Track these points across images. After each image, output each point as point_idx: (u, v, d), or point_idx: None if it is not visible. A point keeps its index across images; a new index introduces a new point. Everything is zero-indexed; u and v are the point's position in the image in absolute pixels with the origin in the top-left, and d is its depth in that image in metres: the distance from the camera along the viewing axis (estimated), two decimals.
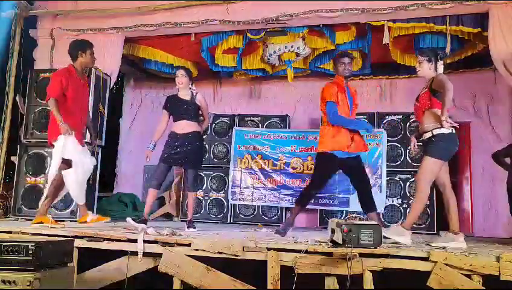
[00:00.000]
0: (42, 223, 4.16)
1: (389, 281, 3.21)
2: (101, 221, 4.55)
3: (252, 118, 6.89)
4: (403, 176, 6.19)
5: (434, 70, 3.86)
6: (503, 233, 5.99)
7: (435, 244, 3.60)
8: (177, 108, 4.72)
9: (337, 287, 3.11)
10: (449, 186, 3.82)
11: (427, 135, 3.79)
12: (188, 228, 4.62)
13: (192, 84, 4.83)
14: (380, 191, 6.05)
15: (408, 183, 6.15)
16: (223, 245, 3.30)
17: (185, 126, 4.65)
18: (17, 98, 5.64)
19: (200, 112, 4.84)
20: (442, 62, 3.88)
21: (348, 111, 4.26)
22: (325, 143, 4.21)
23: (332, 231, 3.19)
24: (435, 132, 3.72)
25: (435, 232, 5.88)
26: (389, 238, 3.55)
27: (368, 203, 4.30)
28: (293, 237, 3.97)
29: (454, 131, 3.74)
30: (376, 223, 3.29)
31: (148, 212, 4.65)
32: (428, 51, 3.96)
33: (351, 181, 4.50)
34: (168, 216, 6.84)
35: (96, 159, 5.49)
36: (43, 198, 4.47)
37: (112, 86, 6.02)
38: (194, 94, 4.76)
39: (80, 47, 4.50)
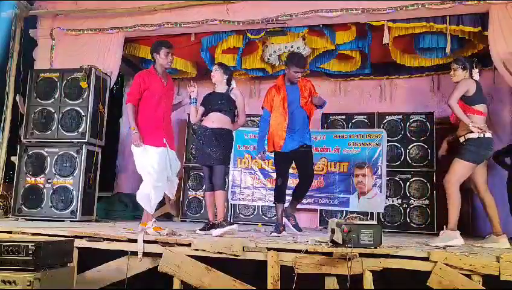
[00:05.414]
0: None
1: (389, 281, 3.21)
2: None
3: (252, 118, 6.88)
4: (403, 176, 6.19)
5: (469, 77, 3.97)
6: None
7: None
8: (209, 101, 4.46)
9: (337, 287, 3.11)
10: (483, 188, 3.93)
11: (461, 140, 3.94)
12: (216, 228, 4.12)
13: (230, 80, 4.54)
14: (380, 191, 6.05)
15: (408, 183, 6.16)
16: (223, 245, 3.29)
17: (215, 120, 4.36)
18: (17, 98, 5.65)
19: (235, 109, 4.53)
20: (477, 70, 4.01)
21: (283, 110, 4.44)
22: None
23: (332, 231, 3.19)
24: (467, 136, 3.86)
25: (435, 232, 5.88)
26: (443, 247, 3.53)
27: (298, 193, 4.67)
28: (293, 237, 3.98)
29: (487, 136, 3.84)
30: (376, 223, 3.29)
31: (213, 217, 4.40)
32: (464, 60, 4.08)
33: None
34: (168, 216, 6.84)
35: (96, 159, 5.51)
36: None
37: (111, 86, 6.02)
38: (230, 88, 4.50)
39: (154, 49, 4.35)
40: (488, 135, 3.85)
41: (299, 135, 4.49)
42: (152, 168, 4.13)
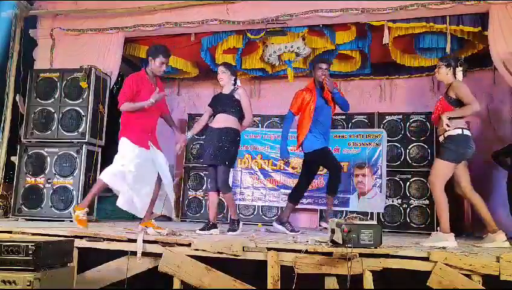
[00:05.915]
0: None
1: (389, 281, 3.21)
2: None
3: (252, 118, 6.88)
4: (403, 176, 6.19)
5: (452, 76, 3.94)
6: None
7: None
8: (216, 103, 4.53)
9: (337, 287, 3.11)
10: (468, 189, 3.89)
11: (440, 139, 3.92)
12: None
13: (236, 80, 4.57)
14: (380, 191, 6.06)
15: (408, 183, 6.15)
16: (223, 245, 3.29)
17: (221, 120, 4.39)
18: (17, 98, 5.65)
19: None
20: (461, 69, 3.94)
21: (309, 113, 4.67)
22: None
23: (332, 231, 3.19)
24: (446, 134, 3.82)
25: (435, 232, 5.88)
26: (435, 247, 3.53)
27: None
28: (293, 237, 3.98)
29: (466, 133, 3.79)
30: (376, 223, 3.29)
31: (213, 217, 4.41)
32: (449, 57, 4.06)
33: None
34: (168, 216, 6.83)
35: (96, 159, 5.51)
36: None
37: (112, 86, 6.02)
38: (235, 88, 4.48)
39: (151, 53, 4.22)
40: (467, 132, 3.81)
41: (328, 139, 4.84)
42: (128, 166, 4.13)
